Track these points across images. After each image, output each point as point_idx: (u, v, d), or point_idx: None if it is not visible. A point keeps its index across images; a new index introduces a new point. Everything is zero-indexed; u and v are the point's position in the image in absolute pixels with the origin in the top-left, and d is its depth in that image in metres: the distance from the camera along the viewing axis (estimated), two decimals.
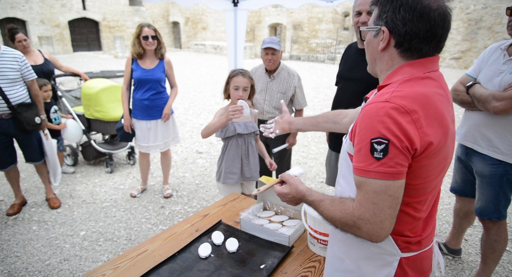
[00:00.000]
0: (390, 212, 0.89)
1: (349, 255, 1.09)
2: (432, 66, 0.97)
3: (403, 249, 1.01)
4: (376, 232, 0.90)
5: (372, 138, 0.87)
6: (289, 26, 19.25)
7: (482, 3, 13.21)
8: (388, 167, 0.86)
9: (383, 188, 0.88)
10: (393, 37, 0.95)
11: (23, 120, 2.97)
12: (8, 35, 3.73)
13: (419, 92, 0.90)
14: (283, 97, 2.97)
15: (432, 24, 0.90)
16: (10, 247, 2.79)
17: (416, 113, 0.86)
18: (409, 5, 0.90)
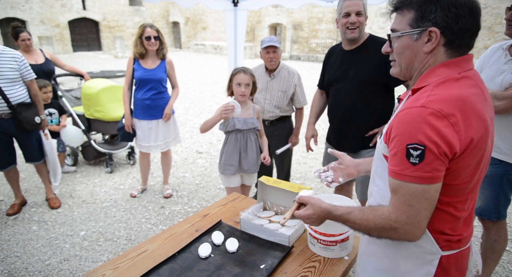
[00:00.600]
0: (426, 213, 0.92)
1: (387, 254, 1.09)
2: (467, 65, 0.97)
3: (444, 247, 1.01)
4: (413, 232, 0.93)
5: (408, 144, 0.88)
6: (289, 26, 19.24)
7: (482, 3, 13.20)
8: (424, 172, 0.88)
9: (420, 191, 0.89)
10: (444, 37, 0.93)
11: (23, 120, 2.97)
12: (12, 33, 3.74)
13: (455, 95, 0.89)
14: (284, 96, 2.98)
15: (478, 17, 0.92)
16: (10, 247, 2.79)
17: (454, 117, 0.86)
18: (458, 2, 0.90)
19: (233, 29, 3.76)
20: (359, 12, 2.10)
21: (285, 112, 3.07)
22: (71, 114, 4.20)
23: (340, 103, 2.34)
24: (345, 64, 2.27)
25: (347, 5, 2.12)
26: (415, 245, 1.02)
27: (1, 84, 2.85)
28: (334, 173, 1.50)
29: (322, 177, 1.50)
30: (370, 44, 2.19)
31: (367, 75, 2.16)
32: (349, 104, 2.28)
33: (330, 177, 1.49)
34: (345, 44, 2.29)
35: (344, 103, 2.31)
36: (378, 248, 1.13)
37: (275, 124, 3.11)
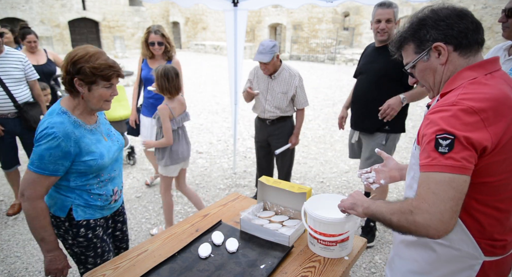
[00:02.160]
0: (451, 204, 0.85)
1: (425, 257, 1.08)
2: (492, 67, 1.00)
3: (487, 253, 1.00)
4: (434, 224, 0.85)
5: (437, 133, 0.88)
6: (289, 26, 19.24)
7: (482, 3, 13.22)
8: (454, 161, 0.86)
9: (447, 179, 0.86)
10: (449, 45, 1.00)
11: (30, 118, 3.01)
12: (19, 33, 3.77)
13: (486, 92, 0.91)
14: (284, 97, 2.98)
15: (471, 16, 0.99)
16: (10, 247, 2.79)
17: (485, 113, 0.88)
18: (442, 16, 0.99)
19: (233, 29, 3.75)
20: (388, 19, 2.46)
21: (285, 113, 3.08)
22: None
23: (360, 90, 2.74)
24: (372, 58, 2.67)
25: (379, 13, 2.48)
26: (455, 249, 1.01)
27: (8, 84, 2.88)
28: (377, 174, 1.49)
29: (363, 177, 1.50)
30: None
31: (385, 70, 2.50)
32: (366, 92, 2.66)
33: (372, 178, 1.48)
34: (376, 42, 2.66)
35: (363, 91, 2.71)
36: (416, 252, 1.11)
37: (275, 124, 3.11)
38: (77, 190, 1.56)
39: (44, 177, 1.42)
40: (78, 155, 1.48)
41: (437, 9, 1.00)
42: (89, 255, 1.67)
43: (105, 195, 1.63)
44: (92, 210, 1.62)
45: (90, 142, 1.51)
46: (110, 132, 1.70)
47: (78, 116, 1.51)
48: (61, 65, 1.47)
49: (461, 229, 1.00)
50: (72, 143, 1.43)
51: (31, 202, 1.44)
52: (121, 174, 1.77)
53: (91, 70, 1.40)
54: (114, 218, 1.83)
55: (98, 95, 1.47)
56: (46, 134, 1.39)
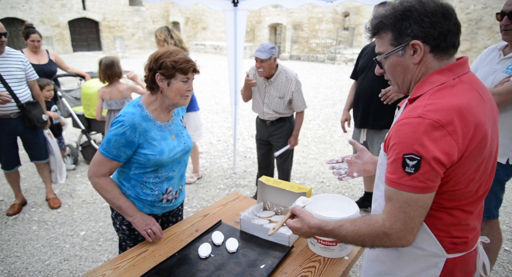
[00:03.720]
0: (419, 220, 0.93)
1: (391, 258, 1.09)
2: (461, 70, 0.97)
3: (449, 250, 1.01)
4: (407, 238, 0.94)
5: (405, 153, 0.89)
6: (289, 26, 19.24)
7: (482, 3, 13.21)
8: (419, 182, 0.88)
9: (414, 199, 0.90)
10: (427, 45, 0.95)
11: (33, 117, 3.03)
12: (23, 32, 3.77)
13: (452, 103, 0.89)
14: (281, 102, 2.99)
15: (455, 17, 0.95)
16: (10, 247, 2.79)
17: (451, 125, 0.86)
18: (429, 11, 0.93)
19: (233, 29, 3.75)
20: None
21: (284, 115, 3.08)
22: (71, 114, 4.20)
23: (364, 88, 2.80)
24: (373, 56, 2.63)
25: (378, 12, 2.49)
26: (419, 248, 1.02)
27: (10, 84, 2.89)
28: (349, 166, 1.45)
29: (336, 168, 1.46)
30: None
31: None
32: (370, 89, 2.73)
33: (344, 169, 1.45)
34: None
35: (367, 88, 2.77)
36: (381, 252, 1.12)
37: (275, 124, 3.12)
38: (133, 180, 1.67)
39: (107, 159, 1.56)
40: (140, 147, 1.58)
41: (425, 1, 0.94)
42: (128, 243, 1.77)
43: (158, 191, 1.70)
44: (141, 204, 1.70)
45: (155, 137, 1.61)
46: (180, 134, 1.77)
47: (152, 111, 1.63)
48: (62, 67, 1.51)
49: (423, 228, 1.01)
50: (137, 134, 1.55)
51: (95, 178, 1.60)
52: (181, 178, 1.82)
53: (172, 64, 1.53)
54: (168, 218, 1.92)
55: (176, 89, 1.58)
56: (117, 121, 1.54)
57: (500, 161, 1.96)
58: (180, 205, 1.96)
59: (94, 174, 1.60)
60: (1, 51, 2.87)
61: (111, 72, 3.29)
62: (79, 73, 4.47)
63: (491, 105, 1.01)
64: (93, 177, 1.60)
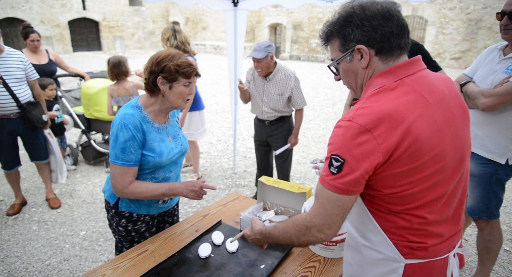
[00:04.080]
0: (337, 219, 0.96)
1: (356, 260, 1.11)
2: (405, 72, 0.96)
3: (406, 255, 1.00)
4: (324, 231, 0.98)
5: (332, 154, 0.93)
6: (289, 26, 19.24)
7: (482, 3, 13.21)
8: (339, 183, 0.92)
9: (334, 198, 0.94)
10: (372, 48, 0.96)
11: (33, 118, 3.03)
12: (22, 32, 3.77)
13: (382, 107, 0.90)
14: (280, 99, 2.99)
15: (397, 18, 0.95)
16: (10, 247, 2.79)
17: (377, 129, 0.88)
18: (369, 15, 0.94)
19: (233, 29, 3.75)
20: None
21: (283, 113, 3.08)
22: (71, 114, 4.20)
23: None
24: None
25: None
26: (377, 251, 1.03)
27: (10, 84, 2.89)
28: None
29: (319, 168, 1.48)
30: None
31: None
32: None
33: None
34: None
35: None
36: (350, 255, 1.14)
37: (274, 124, 3.12)
38: None
39: (129, 167, 1.57)
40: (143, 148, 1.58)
41: (366, 5, 0.95)
42: (125, 245, 1.76)
43: None
44: (138, 204, 1.70)
45: (154, 139, 1.61)
46: (177, 135, 1.77)
47: (150, 113, 1.62)
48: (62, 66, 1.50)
49: (378, 231, 1.02)
50: (140, 134, 1.56)
51: (125, 191, 1.58)
52: (177, 178, 1.83)
53: (175, 68, 1.53)
54: (164, 218, 1.92)
55: (178, 92, 1.57)
56: (122, 125, 1.52)
57: (499, 161, 1.96)
58: (176, 204, 1.96)
59: (122, 187, 1.57)
60: (0, 49, 2.86)
61: (118, 71, 3.49)
62: (79, 74, 4.48)
63: (445, 106, 0.97)
64: (123, 191, 1.58)
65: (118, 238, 1.78)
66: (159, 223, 1.91)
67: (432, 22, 14.57)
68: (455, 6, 13.89)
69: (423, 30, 15.15)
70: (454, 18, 13.95)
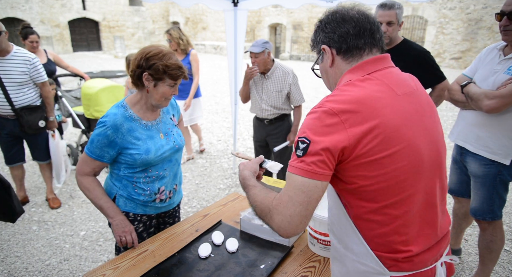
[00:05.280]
0: (300, 209, 0.90)
1: (342, 273, 1.09)
2: (373, 67, 1.00)
3: (390, 267, 0.97)
4: (284, 225, 0.92)
5: (299, 136, 0.93)
6: (289, 26, 19.24)
7: (482, 3, 13.21)
8: (304, 164, 0.90)
9: (299, 183, 0.90)
10: (332, 48, 1.04)
11: (25, 124, 2.99)
12: (21, 32, 3.76)
13: (351, 95, 0.93)
14: (279, 96, 3.00)
15: (356, 21, 1.00)
16: (10, 247, 2.79)
17: (345, 114, 0.89)
18: (330, 19, 1.04)
19: (233, 29, 3.76)
20: (390, 22, 2.39)
21: (283, 111, 3.09)
22: (71, 114, 4.20)
23: None
24: None
25: (379, 15, 2.41)
26: (361, 263, 1.01)
27: (8, 88, 2.87)
28: None
29: None
30: (402, 47, 2.40)
31: None
32: None
33: None
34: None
35: None
36: (336, 267, 1.12)
37: (273, 123, 3.13)
38: (124, 180, 1.67)
39: (91, 159, 1.59)
40: (125, 147, 1.58)
41: (332, 12, 1.04)
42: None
43: (149, 191, 1.69)
44: (134, 204, 1.70)
45: (139, 136, 1.61)
46: (170, 132, 1.75)
47: (137, 111, 1.63)
48: (62, 65, 1.51)
49: (360, 242, 1.00)
50: (119, 134, 1.55)
51: (78, 177, 1.63)
52: (174, 177, 1.82)
53: (164, 68, 1.52)
54: (164, 219, 1.92)
55: (161, 92, 1.57)
56: (100, 122, 1.54)
57: (503, 161, 1.96)
58: (177, 206, 1.95)
59: (78, 172, 1.63)
60: (7, 50, 2.82)
61: None
62: (79, 74, 4.48)
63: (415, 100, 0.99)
64: (77, 176, 1.63)
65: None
66: (159, 224, 1.91)
67: (432, 22, 14.57)
68: (455, 6, 13.89)
69: (423, 30, 15.15)
70: (454, 18, 13.95)
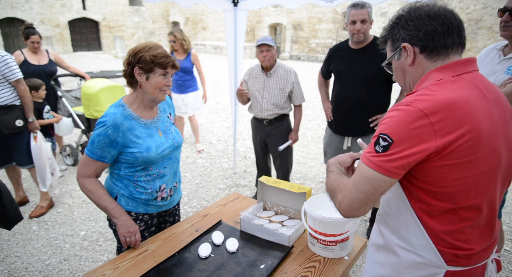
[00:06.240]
0: (363, 197, 0.95)
1: (390, 262, 1.09)
2: (463, 68, 0.97)
3: (450, 262, 0.98)
4: (344, 205, 0.99)
5: (381, 132, 0.92)
6: (289, 26, 19.24)
7: (482, 3, 13.21)
8: (381, 162, 0.91)
9: (368, 175, 0.93)
10: (416, 46, 1.00)
11: (0, 123, 2.85)
12: (23, 32, 3.76)
13: (444, 95, 0.89)
14: (281, 94, 3.00)
15: (443, 18, 0.96)
16: (10, 247, 2.79)
17: (436, 116, 0.86)
18: (414, 15, 0.99)
19: (233, 29, 3.75)
20: (363, 20, 2.45)
21: (283, 110, 3.09)
22: (71, 114, 4.20)
23: (348, 94, 2.67)
24: (353, 61, 2.62)
25: (353, 14, 2.45)
26: (418, 255, 1.01)
27: None
28: None
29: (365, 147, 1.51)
30: (375, 44, 2.41)
31: (372, 71, 2.49)
32: (356, 95, 2.62)
33: None
34: (352, 44, 2.64)
35: (351, 94, 2.64)
36: (383, 256, 1.12)
37: (273, 123, 3.12)
38: (125, 179, 1.67)
39: (92, 160, 1.59)
40: (126, 146, 1.59)
41: (413, 8, 1.00)
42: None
43: (151, 189, 1.70)
44: (135, 203, 1.70)
45: (139, 135, 1.62)
46: (168, 130, 1.77)
47: (135, 110, 1.65)
48: (63, 66, 1.48)
49: (422, 235, 1.00)
50: (120, 133, 1.56)
51: (80, 179, 1.62)
52: (175, 175, 1.82)
53: (151, 58, 1.54)
54: (165, 218, 1.92)
55: (154, 83, 1.59)
56: (99, 122, 1.55)
57: None
58: (177, 204, 1.96)
59: (79, 174, 1.62)
60: None
61: None
62: (80, 74, 4.48)
63: (500, 107, 0.97)
64: (79, 178, 1.62)
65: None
66: (160, 223, 1.91)
67: None
68: (455, 6, 13.89)
69: None
70: None
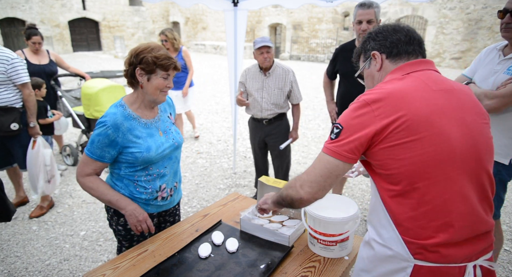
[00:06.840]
0: (320, 179, 1.09)
1: (369, 255, 1.15)
2: (412, 68, 1.11)
3: (416, 255, 1.00)
4: (304, 189, 1.12)
5: (335, 122, 1.09)
6: (289, 26, 19.24)
7: (482, 3, 13.21)
8: (334, 147, 1.06)
9: (324, 160, 1.08)
10: (383, 53, 1.17)
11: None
12: (25, 32, 3.75)
13: (385, 88, 1.05)
14: (281, 93, 3.01)
15: (406, 31, 1.15)
16: (10, 247, 2.79)
17: (376, 104, 1.01)
18: (381, 29, 1.18)
19: (233, 29, 3.75)
20: (369, 20, 2.47)
21: (282, 109, 3.11)
22: (71, 114, 4.20)
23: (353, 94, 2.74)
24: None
25: (359, 14, 2.48)
26: (388, 248, 1.06)
27: None
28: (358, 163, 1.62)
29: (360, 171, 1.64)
30: None
31: None
32: None
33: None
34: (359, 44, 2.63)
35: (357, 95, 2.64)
36: (363, 250, 1.19)
37: (272, 123, 3.13)
38: (126, 179, 1.67)
39: (91, 160, 1.59)
40: (126, 146, 1.59)
41: (381, 26, 1.19)
42: (124, 244, 1.77)
43: (151, 189, 1.70)
44: (136, 203, 1.69)
45: (140, 135, 1.62)
46: (168, 130, 1.77)
47: (135, 110, 1.64)
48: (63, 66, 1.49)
49: (391, 227, 1.05)
50: (120, 133, 1.56)
51: (80, 179, 1.62)
52: (175, 174, 1.83)
53: (153, 59, 1.55)
54: (165, 218, 1.92)
55: (155, 84, 1.59)
56: (99, 122, 1.55)
57: (503, 161, 1.95)
58: (177, 204, 1.96)
59: (79, 174, 1.61)
60: None
61: None
62: (80, 74, 4.49)
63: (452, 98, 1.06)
64: (79, 177, 1.61)
65: (118, 238, 1.78)
66: (160, 223, 1.91)
67: (432, 22, 14.57)
68: (455, 6, 13.89)
69: (423, 30, 15.14)
70: (454, 18, 13.95)
